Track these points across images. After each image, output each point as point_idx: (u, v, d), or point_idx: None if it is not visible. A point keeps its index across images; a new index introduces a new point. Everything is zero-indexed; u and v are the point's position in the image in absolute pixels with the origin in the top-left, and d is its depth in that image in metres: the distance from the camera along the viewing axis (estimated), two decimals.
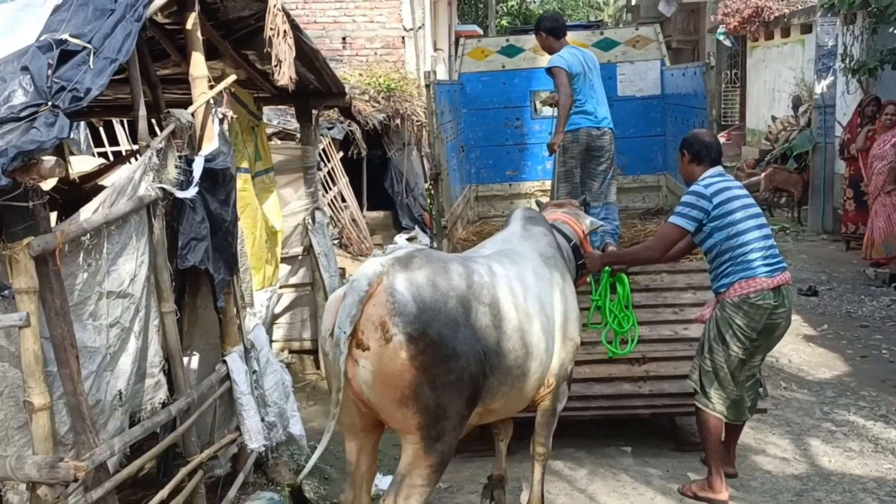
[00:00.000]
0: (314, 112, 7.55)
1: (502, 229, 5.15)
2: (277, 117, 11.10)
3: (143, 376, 4.28)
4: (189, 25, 4.86)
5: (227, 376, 5.05)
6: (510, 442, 5.19)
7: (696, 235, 5.18)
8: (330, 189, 11.28)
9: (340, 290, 3.87)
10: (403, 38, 16.74)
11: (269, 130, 10.64)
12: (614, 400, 5.95)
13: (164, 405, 4.38)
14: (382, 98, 13.44)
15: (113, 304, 3.91)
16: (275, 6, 5.44)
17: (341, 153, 11.84)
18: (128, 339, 4.05)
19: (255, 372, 5.52)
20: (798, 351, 8.24)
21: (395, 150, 13.79)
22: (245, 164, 6.46)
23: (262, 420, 5.47)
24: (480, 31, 25.74)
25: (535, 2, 45.89)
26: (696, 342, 5.87)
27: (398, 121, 13.39)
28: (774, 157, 16.47)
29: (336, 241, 11.17)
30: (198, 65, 4.95)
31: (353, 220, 11.57)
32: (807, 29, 17.43)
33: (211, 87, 5.08)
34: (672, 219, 5.21)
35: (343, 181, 11.56)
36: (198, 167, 4.54)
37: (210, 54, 6.21)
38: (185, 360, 5.07)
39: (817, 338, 8.65)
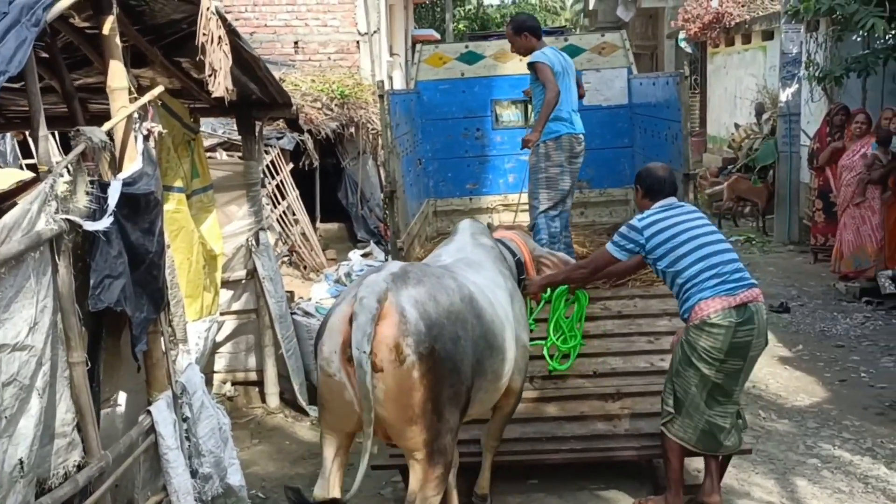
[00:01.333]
0: (258, 124, 6.96)
1: (449, 240, 5.14)
2: (223, 126, 10.47)
3: (51, 437, 3.67)
4: (106, 30, 4.27)
5: (153, 428, 4.47)
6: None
7: (651, 265, 5.19)
8: (279, 203, 10.68)
9: (342, 310, 3.78)
10: (358, 42, 16.17)
11: (213, 141, 10.05)
12: (587, 441, 5.44)
13: (79, 467, 3.79)
14: (336, 105, 12.86)
15: (7, 360, 3.30)
16: (208, 9, 4.87)
17: (291, 165, 11.23)
18: (28, 399, 3.43)
19: (186, 419, 4.95)
20: (774, 375, 7.80)
21: (350, 159, 13.21)
22: (179, 183, 5.87)
23: (196, 472, 4.90)
24: (437, 36, 25.25)
25: (492, 6, 45.57)
26: None
27: (353, 129, 12.81)
28: (738, 167, 16.13)
29: (286, 259, 10.57)
30: (116, 75, 4.36)
31: (304, 236, 10.98)
32: (768, 35, 17.15)
33: (135, 100, 4.50)
34: (609, 244, 5.25)
35: (293, 194, 10.97)
36: (114, 193, 3.95)
37: (139, 62, 5.66)
38: (109, 411, 4.53)
39: (793, 360, 8.22)
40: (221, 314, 7.01)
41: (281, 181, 10.74)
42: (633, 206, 8.45)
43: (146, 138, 4.61)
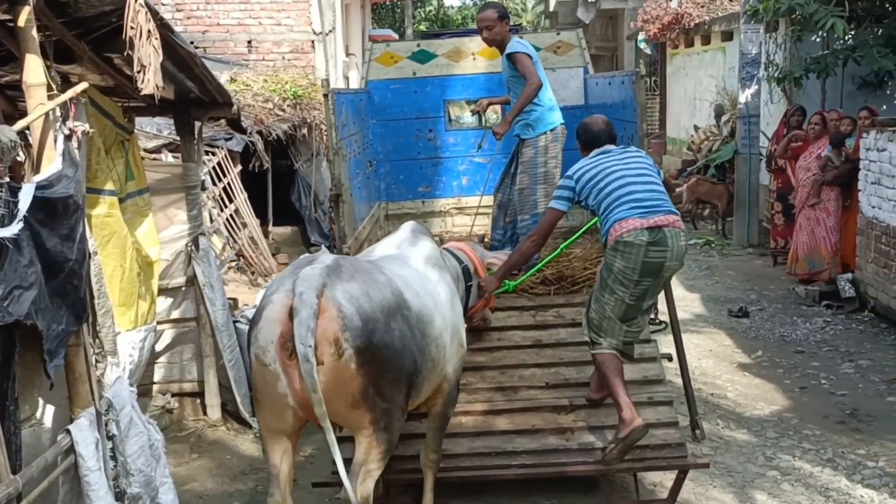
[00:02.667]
0: (197, 124, 6.65)
1: (389, 236, 5.11)
2: (169, 127, 10.12)
3: None
4: (21, 22, 3.97)
5: (73, 448, 4.17)
6: None
7: (584, 209, 5.39)
8: (226, 206, 10.34)
9: (280, 301, 3.82)
10: (313, 42, 15.87)
11: (159, 142, 9.70)
12: (539, 456, 5.17)
13: None
14: (288, 106, 12.55)
15: None
16: (136, 1, 4.58)
17: (240, 167, 10.90)
18: None
19: (112, 437, 4.65)
20: (733, 382, 7.62)
21: (304, 160, 12.90)
22: (110, 186, 5.56)
23: (124, 493, 4.61)
24: (396, 36, 24.87)
25: (452, 7, 45.37)
26: (634, 384, 5.41)
27: (305, 130, 12.51)
28: (698, 168, 16.01)
29: (233, 263, 10.24)
30: (33, 70, 4.06)
31: (253, 240, 10.64)
32: (727, 36, 17.07)
33: (56, 97, 4.21)
34: (549, 203, 5.41)
35: (241, 197, 10.62)
36: (25, 198, 3.65)
37: (67, 57, 5.36)
38: (33, 430, 4.24)
39: (752, 366, 8.05)
40: (160, 323, 6.72)
41: (228, 183, 10.40)
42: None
43: (68, 138, 4.31)
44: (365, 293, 3.90)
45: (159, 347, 6.81)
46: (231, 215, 10.43)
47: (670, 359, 6.15)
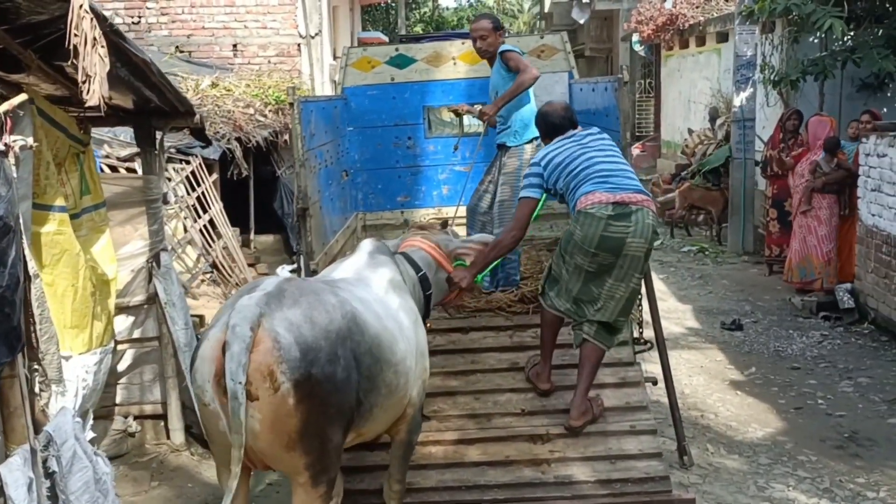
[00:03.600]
0: (158, 134, 6.32)
1: (348, 257, 4.80)
2: None
3: None
4: None
5: (2, 490, 3.84)
6: None
7: (557, 198, 5.28)
8: (200, 216, 9.99)
9: (214, 337, 3.60)
10: (299, 45, 15.56)
11: (132, 150, 9.34)
12: (513, 490, 4.83)
13: None
14: (270, 111, 12.21)
15: None
16: (80, 7, 4.26)
17: (216, 175, 10.55)
18: None
19: (53, 473, 4.32)
20: (724, 402, 7.28)
21: (286, 167, 12.54)
22: (60, 202, 5.21)
23: None
24: (386, 39, 24.56)
25: (448, 8, 45.05)
26: (615, 411, 5.22)
27: (287, 136, 12.15)
28: (691, 173, 15.68)
29: (208, 274, 9.89)
30: None
31: (227, 250, 10.27)
32: (723, 38, 16.77)
33: None
34: (522, 193, 5.29)
35: (216, 207, 10.27)
36: None
37: (16, 66, 5.05)
38: None
39: (745, 384, 7.72)
40: (120, 343, 6.38)
41: (203, 193, 10.05)
42: None
43: (3, 154, 4.00)
44: (308, 319, 3.61)
45: (120, 368, 6.48)
46: (205, 226, 10.08)
47: (655, 382, 5.81)
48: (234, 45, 15.60)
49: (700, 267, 12.69)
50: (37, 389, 4.49)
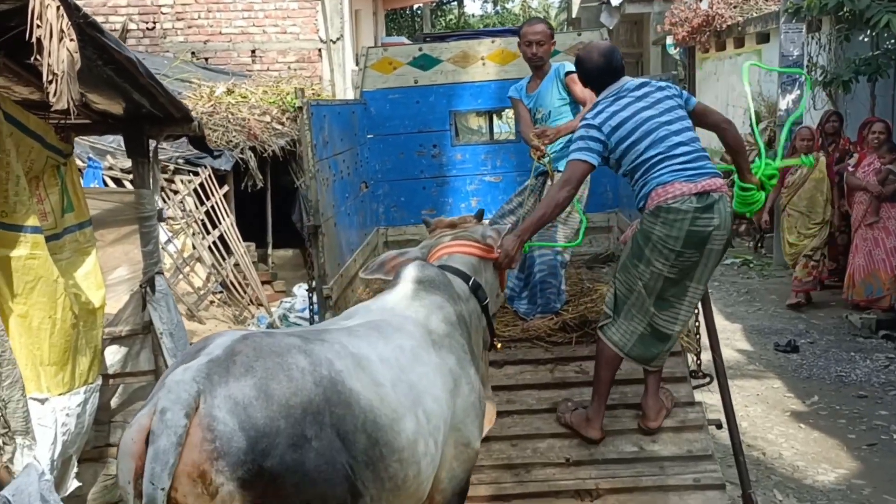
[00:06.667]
0: (152, 143, 5.66)
1: (388, 290, 3.83)
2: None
3: None
4: None
5: None
6: None
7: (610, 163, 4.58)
8: (210, 232, 9.35)
9: (138, 424, 2.67)
10: (320, 50, 14.98)
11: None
12: None
13: None
14: (288, 119, 11.58)
15: None
16: None
17: (227, 188, 9.91)
18: None
19: None
20: (788, 437, 6.53)
21: (305, 178, 11.90)
22: (32, 221, 4.53)
23: None
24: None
25: (473, 15, 44.48)
26: (675, 461, 4.51)
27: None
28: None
29: (218, 295, 9.24)
30: None
31: (239, 267, 9.61)
32: (763, 38, 16.00)
33: None
34: (574, 154, 4.49)
35: (227, 221, 9.63)
36: None
37: None
38: None
39: (808, 415, 6.95)
40: (112, 377, 5.73)
41: (213, 206, 9.41)
42: (616, 234, 7.25)
43: None
44: (261, 393, 2.71)
45: (113, 405, 5.82)
46: (216, 242, 9.44)
47: (720, 426, 5.00)
48: (253, 51, 15.10)
49: (745, 281, 11.90)
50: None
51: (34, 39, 3.65)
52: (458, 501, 3.69)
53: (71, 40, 3.82)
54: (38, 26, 3.70)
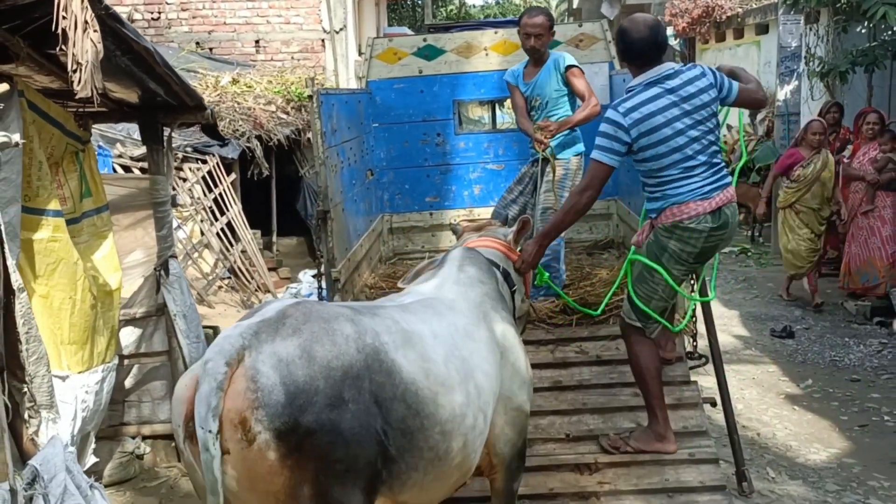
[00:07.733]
0: (166, 131, 5.85)
1: (435, 272, 4.05)
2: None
3: None
4: None
5: None
6: None
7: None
8: (218, 219, 9.52)
9: (191, 373, 3.01)
10: (323, 40, 15.10)
11: (143, 150, 8.90)
12: None
13: None
14: (293, 108, 11.74)
15: None
16: None
17: (234, 176, 10.07)
18: None
19: None
20: (782, 418, 6.70)
21: (310, 167, 12.07)
22: (54, 206, 4.74)
23: None
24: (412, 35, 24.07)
25: (475, 6, 44.50)
26: None
27: (310, 134, 11.68)
28: (731, 171, 15.00)
29: (226, 280, 9.42)
30: None
31: (246, 254, 9.78)
32: (762, 29, 16.13)
33: None
34: (596, 154, 4.45)
35: (235, 209, 9.80)
36: None
37: (3, 55, 4.58)
38: None
39: (802, 398, 7.13)
40: (127, 357, 5.93)
41: (220, 194, 9.58)
42: (615, 221, 7.42)
43: None
44: (304, 353, 2.91)
45: (127, 385, 6.01)
46: (223, 228, 9.61)
47: (714, 403, 5.19)
48: (257, 41, 15.21)
49: (743, 269, 12.08)
50: (25, 416, 4.05)
51: (60, 30, 3.84)
52: (517, 464, 3.93)
53: (94, 31, 4.01)
54: (64, 17, 3.89)
